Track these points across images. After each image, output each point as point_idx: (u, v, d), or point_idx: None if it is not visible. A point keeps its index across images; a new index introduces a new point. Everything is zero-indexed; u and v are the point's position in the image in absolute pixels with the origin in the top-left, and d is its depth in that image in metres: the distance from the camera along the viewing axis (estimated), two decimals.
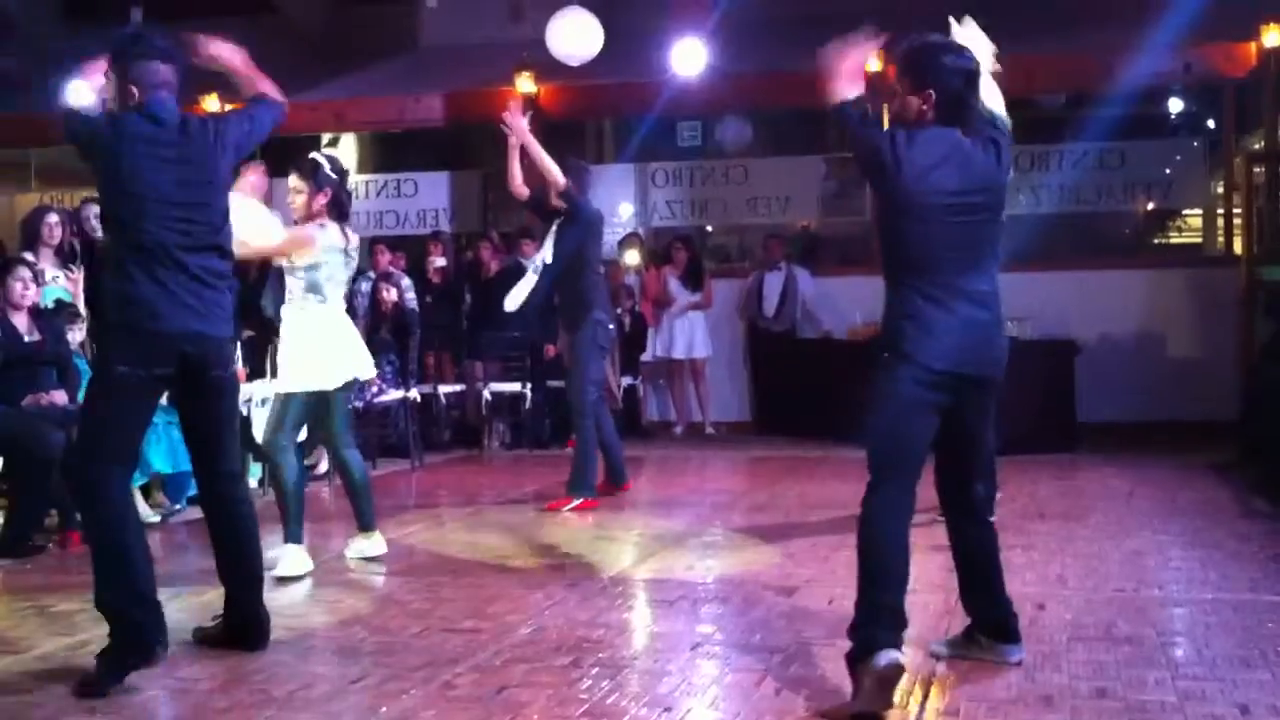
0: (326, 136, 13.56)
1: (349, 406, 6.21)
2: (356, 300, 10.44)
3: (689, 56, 11.19)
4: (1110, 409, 10.26)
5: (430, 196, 13.21)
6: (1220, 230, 11.81)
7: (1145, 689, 3.86)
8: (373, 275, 10.78)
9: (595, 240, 7.69)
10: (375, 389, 9.26)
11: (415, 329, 10.12)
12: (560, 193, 7.43)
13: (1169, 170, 11.71)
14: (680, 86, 11.29)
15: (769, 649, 4.37)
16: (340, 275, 5.89)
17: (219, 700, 3.93)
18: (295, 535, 5.75)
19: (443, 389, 10.91)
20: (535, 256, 7.82)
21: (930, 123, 3.85)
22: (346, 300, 6.11)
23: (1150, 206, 12.65)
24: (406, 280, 10.83)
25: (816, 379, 10.39)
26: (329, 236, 5.82)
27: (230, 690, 4.03)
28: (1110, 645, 4.34)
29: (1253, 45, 10.48)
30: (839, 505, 7.05)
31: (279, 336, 5.97)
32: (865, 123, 3.84)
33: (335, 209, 5.84)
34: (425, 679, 4.08)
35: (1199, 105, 13.69)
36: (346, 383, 5.96)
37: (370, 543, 6.09)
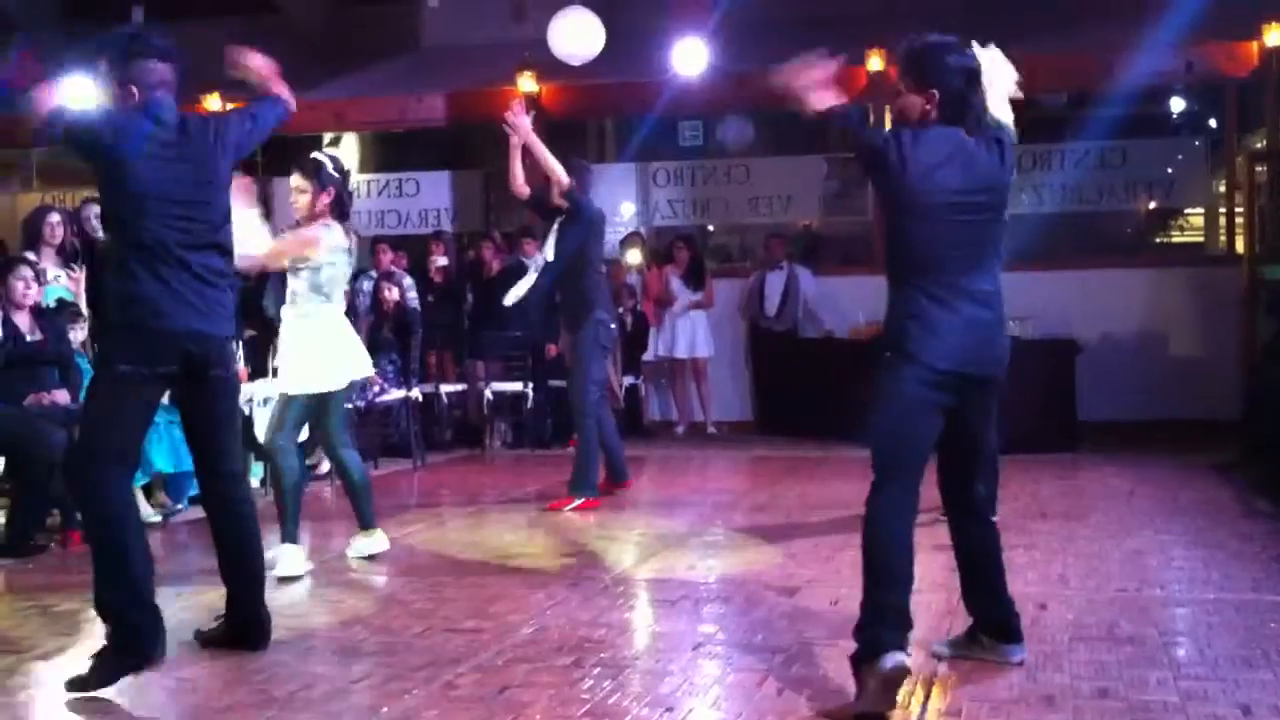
0: (328, 136, 13.56)
1: (349, 406, 6.21)
2: (358, 299, 10.45)
3: (690, 56, 11.19)
4: (1112, 408, 10.25)
5: (432, 196, 13.21)
6: (1222, 229, 11.79)
7: (1147, 689, 3.86)
8: (375, 274, 10.78)
9: (597, 239, 7.69)
10: (377, 388, 9.26)
11: (417, 328, 10.13)
12: (564, 192, 7.43)
13: (1171, 169, 11.70)
14: (682, 86, 11.28)
15: (771, 649, 4.37)
16: (345, 275, 5.91)
17: (220, 700, 3.94)
18: (292, 535, 5.76)
19: (444, 388, 10.90)
20: (537, 255, 7.81)
21: (933, 122, 3.85)
22: (347, 299, 6.11)
23: (1152, 206, 12.65)
24: (408, 279, 10.83)
25: (818, 379, 10.38)
26: (335, 236, 5.82)
27: (231, 690, 4.03)
28: (1112, 645, 4.34)
29: (1254, 44, 10.48)
30: (841, 505, 7.05)
31: (279, 336, 5.97)
32: (866, 123, 3.85)
33: (338, 208, 5.85)
34: (427, 679, 4.08)
35: (1201, 104, 13.69)
36: (348, 384, 5.96)
37: (371, 540, 6.09)
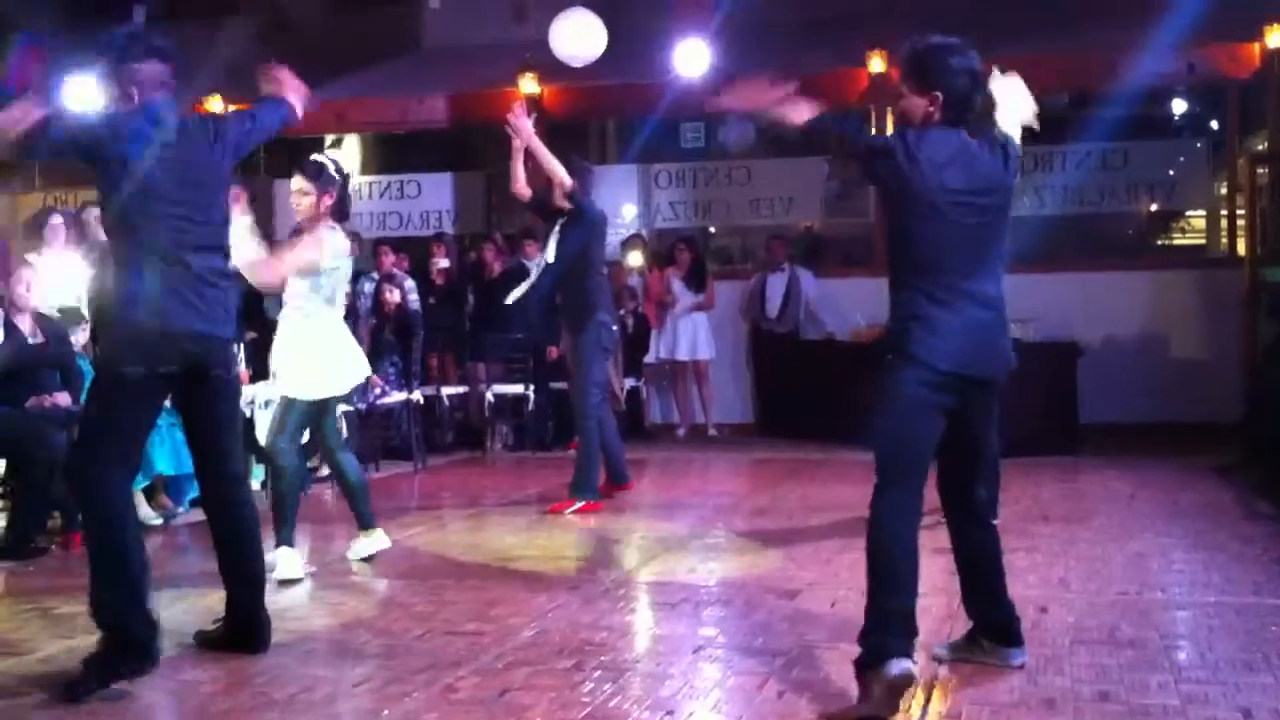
0: (330, 137, 13.57)
1: (350, 409, 6.20)
2: (360, 301, 10.45)
3: (692, 57, 11.19)
4: (1113, 411, 10.25)
5: (433, 198, 13.22)
6: (1224, 232, 11.80)
7: (1148, 692, 3.85)
8: (376, 276, 10.78)
9: (599, 241, 7.68)
10: (378, 390, 9.25)
11: (418, 330, 10.13)
12: (566, 193, 7.42)
13: (1172, 171, 11.70)
14: (683, 87, 11.28)
15: (771, 652, 4.37)
16: (346, 278, 5.91)
17: (220, 703, 3.93)
18: (288, 538, 5.75)
19: (446, 391, 10.91)
20: (538, 257, 7.80)
21: (936, 123, 3.85)
22: (349, 301, 6.11)
23: (1153, 208, 12.65)
24: (410, 281, 10.83)
25: (819, 380, 10.38)
26: (339, 240, 5.83)
27: (232, 693, 4.03)
28: (1113, 648, 4.34)
29: (1256, 46, 10.48)
30: (842, 508, 7.05)
31: (276, 337, 5.93)
32: (863, 128, 3.85)
33: (339, 210, 5.84)
34: (427, 682, 4.08)
35: (1203, 106, 13.71)
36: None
37: (371, 540, 6.08)
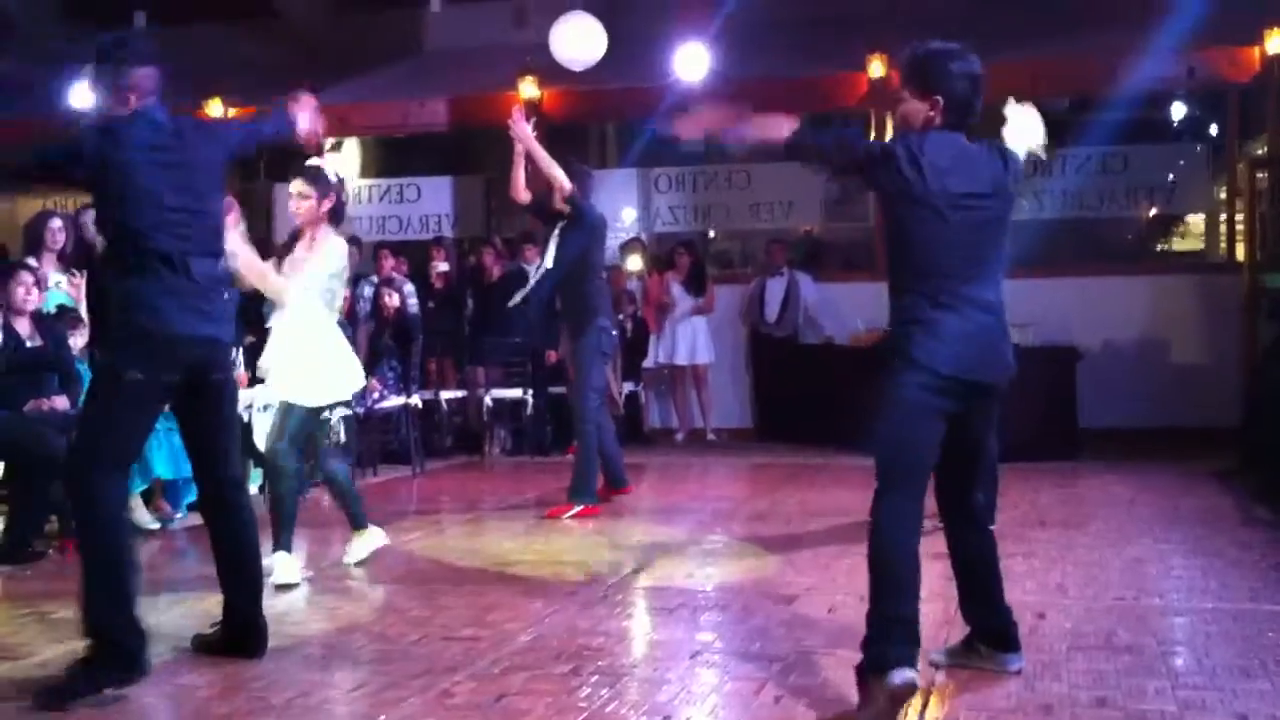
0: (330, 141, 13.56)
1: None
2: (359, 305, 10.45)
3: (692, 61, 11.20)
4: (1112, 416, 10.25)
5: (433, 201, 13.22)
6: (1223, 236, 11.79)
7: (1145, 698, 3.85)
8: (375, 280, 10.78)
9: (599, 245, 7.68)
10: (377, 394, 9.25)
11: (417, 334, 10.13)
12: (565, 197, 7.42)
13: (1172, 176, 11.69)
14: (683, 91, 11.28)
15: (769, 657, 4.36)
16: (343, 284, 5.91)
17: (218, 707, 3.93)
18: (286, 543, 5.73)
19: (444, 395, 10.90)
20: (537, 262, 7.80)
21: (937, 128, 3.85)
22: (348, 305, 6.10)
23: (1153, 212, 12.64)
24: (409, 285, 10.83)
25: (819, 385, 10.37)
26: (343, 245, 5.83)
27: (229, 697, 4.02)
28: (1110, 654, 4.33)
29: (1256, 50, 10.47)
30: (840, 513, 7.05)
31: (273, 342, 5.90)
32: (861, 134, 3.85)
33: (336, 216, 5.84)
34: (424, 687, 4.08)
35: (1202, 110, 13.70)
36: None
37: (365, 539, 6.08)
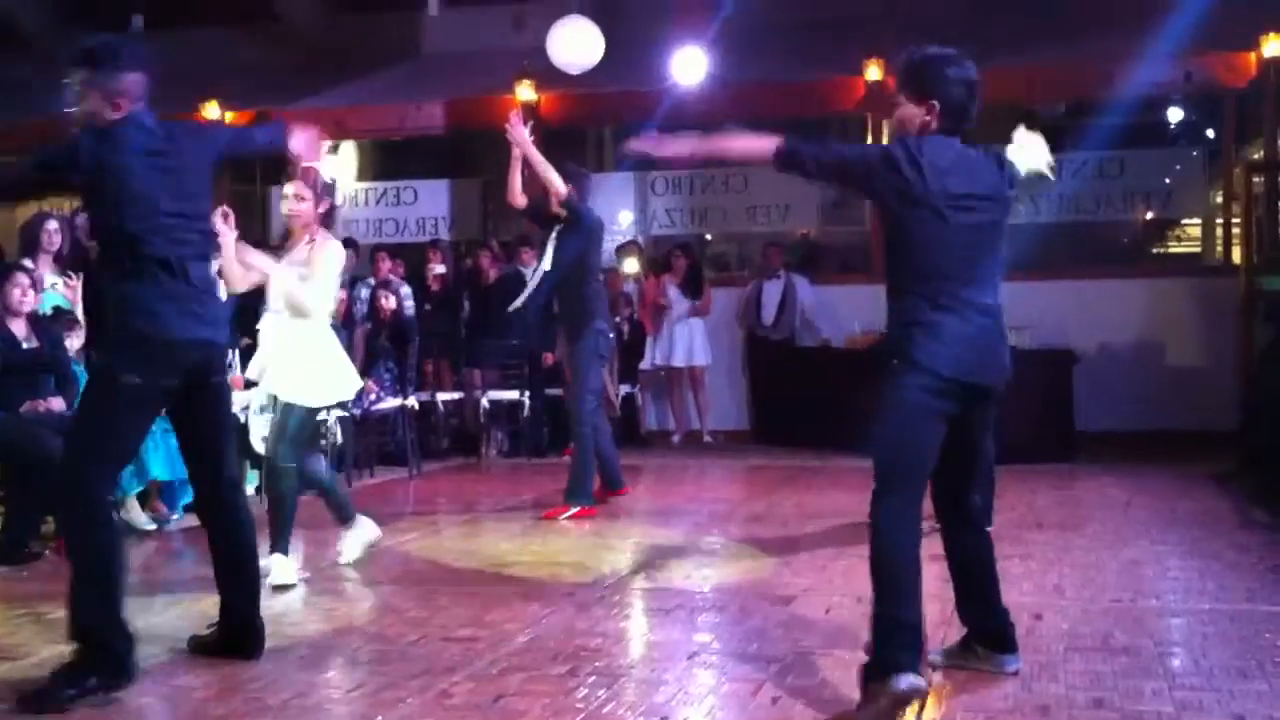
0: (327, 144, 13.56)
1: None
2: (356, 307, 10.45)
3: (690, 65, 11.21)
4: (1109, 418, 10.26)
5: (430, 204, 13.22)
6: (1219, 240, 11.80)
7: (1142, 699, 3.86)
8: (372, 282, 10.78)
9: (596, 248, 7.68)
10: (373, 396, 9.25)
11: (414, 336, 10.12)
12: (562, 201, 7.43)
13: (1168, 179, 11.71)
14: (681, 95, 11.30)
15: (766, 658, 4.36)
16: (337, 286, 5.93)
17: (214, 708, 3.93)
18: (284, 546, 5.72)
19: (441, 396, 10.90)
20: (534, 264, 7.80)
21: (934, 132, 3.85)
22: (344, 307, 6.11)
23: (1149, 216, 12.66)
24: (406, 288, 10.83)
25: (815, 388, 10.38)
26: (340, 247, 5.84)
27: (226, 698, 4.02)
28: (1107, 655, 4.34)
29: (1253, 55, 10.51)
30: (837, 514, 7.05)
31: (270, 344, 5.89)
32: (850, 146, 3.86)
33: (329, 220, 5.85)
34: (422, 687, 4.08)
35: (1199, 114, 13.71)
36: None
37: (356, 532, 6.07)
